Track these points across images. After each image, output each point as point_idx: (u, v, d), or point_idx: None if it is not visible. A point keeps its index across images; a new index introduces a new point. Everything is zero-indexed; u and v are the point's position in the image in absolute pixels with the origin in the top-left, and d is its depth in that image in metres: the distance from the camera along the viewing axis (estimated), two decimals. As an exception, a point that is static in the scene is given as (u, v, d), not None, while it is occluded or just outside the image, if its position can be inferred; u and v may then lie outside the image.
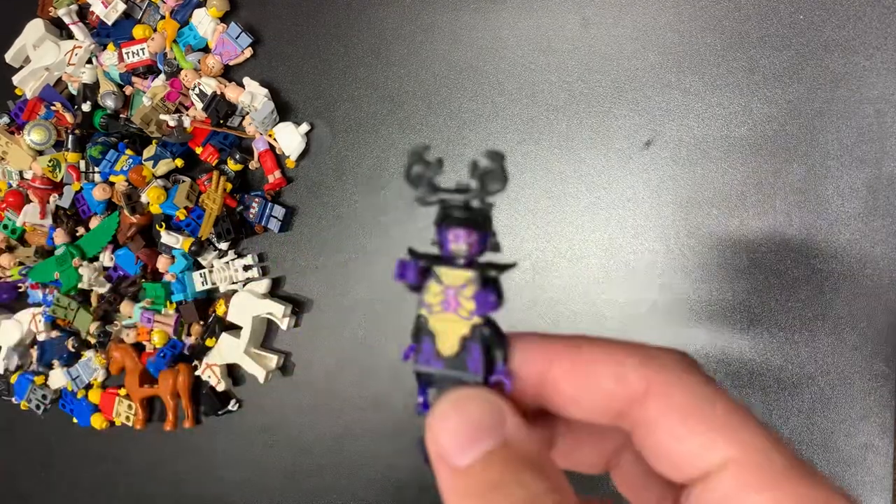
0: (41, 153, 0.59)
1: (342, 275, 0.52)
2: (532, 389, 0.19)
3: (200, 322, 0.55)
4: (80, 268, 0.57)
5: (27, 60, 0.62)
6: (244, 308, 0.53)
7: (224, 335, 0.54)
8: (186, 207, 0.53)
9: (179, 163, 0.55)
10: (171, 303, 0.55)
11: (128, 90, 0.58)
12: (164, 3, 0.56)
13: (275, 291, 0.54)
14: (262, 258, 0.55)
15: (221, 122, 0.54)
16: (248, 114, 0.53)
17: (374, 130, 0.51)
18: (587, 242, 0.46)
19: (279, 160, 0.54)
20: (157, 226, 0.56)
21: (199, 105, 0.54)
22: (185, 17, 0.55)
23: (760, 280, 0.43)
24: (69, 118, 0.58)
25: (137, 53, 0.56)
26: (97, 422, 0.59)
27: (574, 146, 0.47)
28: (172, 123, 0.54)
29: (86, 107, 0.58)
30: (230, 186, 0.53)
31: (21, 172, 0.61)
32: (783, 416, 0.42)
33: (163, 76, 0.56)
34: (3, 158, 0.60)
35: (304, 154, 0.53)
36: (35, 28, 0.60)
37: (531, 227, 0.47)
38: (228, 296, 0.54)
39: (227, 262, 0.54)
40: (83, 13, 0.60)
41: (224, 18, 0.55)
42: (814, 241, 0.42)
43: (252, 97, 0.53)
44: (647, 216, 0.45)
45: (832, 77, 0.42)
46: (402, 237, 0.50)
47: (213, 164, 0.54)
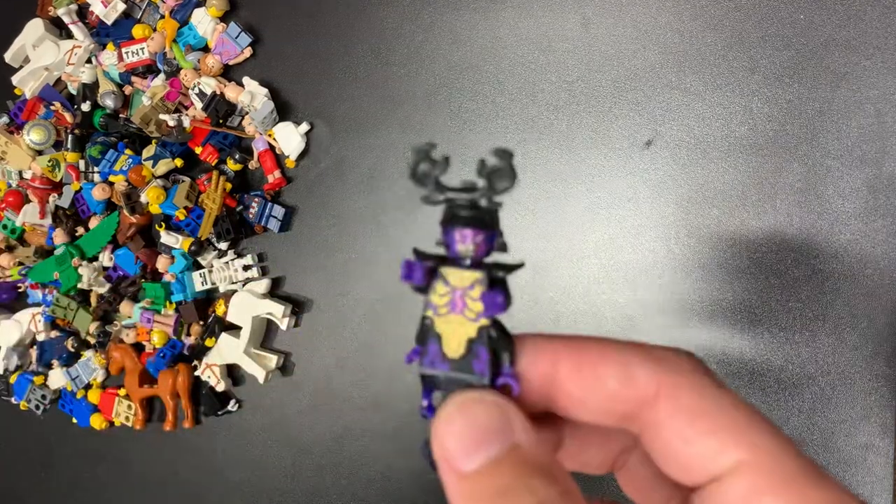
0: (40, 153, 0.59)
1: (342, 275, 0.52)
2: (539, 391, 0.19)
3: (200, 322, 0.55)
4: (80, 268, 0.57)
5: (27, 60, 0.62)
6: (244, 308, 0.53)
7: (224, 335, 0.53)
8: (186, 207, 0.53)
9: (179, 162, 0.55)
10: (171, 303, 0.55)
11: (127, 90, 0.58)
12: (164, 3, 0.56)
13: (274, 291, 0.54)
14: (262, 258, 0.55)
15: (221, 122, 0.54)
16: (248, 113, 0.53)
17: (374, 130, 0.51)
18: (587, 242, 0.46)
19: (279, 160, 0.54)
20: (157, 226, 0.56)
21: (199, 105, 0.54)
22: (185, 17, 0.55)
23: (761, 280, 0.43)
24: (68, 118, 0.58)
25: (137, 53, 0.56)
26: (97, 422, 0.59)
27: (574, 146, 0.47)
28: (172, 123, 0.54)
29: (85, 106, 0.57)
30: (230, 186, 0.53)
31: (21, 172, 0.61)
32: (784, 417, 0.42)
33: (162, 76, 0.55)
34: (3, 158, 0.60)
35: (304, 154, 0.53)
36: (34, 28, 0.60)
37: (531, 227, 0.47)
38: (228, 296, 0.54)
39: (227, 262, 0.54)
40: (83, 13, 0.60)
41: (224, 18, 0.55)
42: (814, 241, 0.42)
43: (252, 97, 0.52)
44: (648, 216, 0.45)
45: (833, 77, 0.42)
46: (402, 237, 0.50)
47: (213, 164, 0.54)
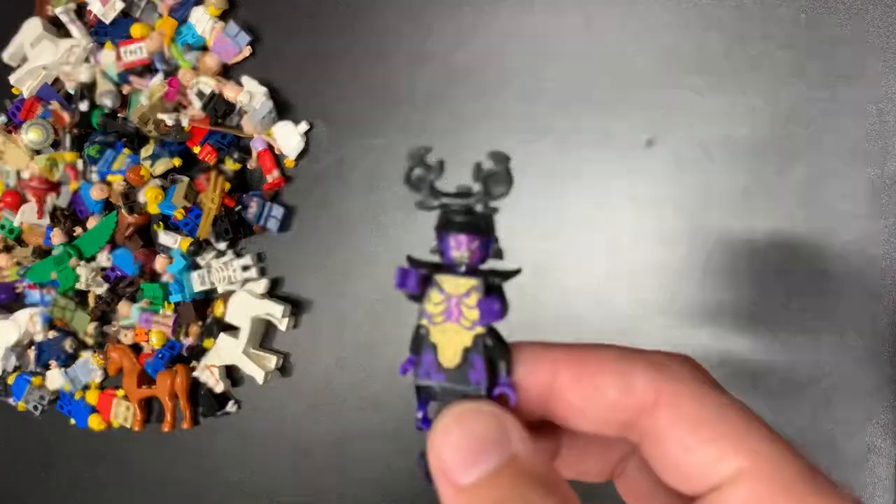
0: (38, 152, 0.59)
1: (341, 275, 0.52)
2: (536, 401, 0.19)
3: (199, 323, 0.55)
4: (78, 268, 0.56)
5: (24, 59, 0.61)
6: (243, 308, 0.52)
7: (222, 336, 0.53)
8: (184, 207, 0.53)
9: (177, 162, 0.54)
10: (169, 303, 0.55)
11: (125, 89, 0.57)
12: (163, 2, 0.56)
13: (273, 292, 0.54)
14: (261, 258, 0.54)
15: (219, 122, 0.54)
16: (247, 113, 0.53)
17: (374, 129, 0.51)
18: (589, 242, 0.46)
19: (278, 159, 0.53)
20: (155, 225, 0.56)
21: (197, 104, 0.53)
22: (184, 16, 0.55)
23: (763, 280, 0.43)
24: (66, 117, 0.58)
25: (135, 52, 0.56)
26: (95, 423, 0.58)
27: (575, 145, 0.46)
28: (170, 122, 0.53)
29: (83, 106, 0.57)
30: (228, 186, 0.53)
31: (19, 172, 0.60)
32: (786, 418, 0.42)
33: (160, 75, 0.55)
34: (1, 158, 0.59)
35: (304, 153, 0.53)
36: (32, 27, 0.59)
37: (532, 228, 0.47)
38: (227, 296, 0.54)
39: (226, 263, 0.54)
40: (81, 12, 0.59)
41: (223, 17, 0.55)
42: (817, 242, 0.42)
43: (250, 96, 0.52)
44: (649, 216, 0.45)
45: (835, 76, 0.42)
46: (402, 237, 0.50)
47: (212, 164, 0.54)
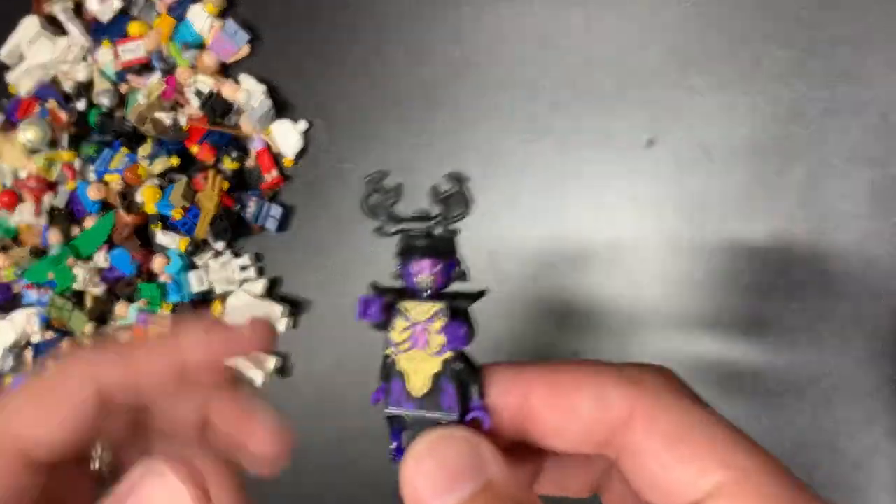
0: (36, 151, 0.58)
1: (341, 275, 0.52)
2: (511, 423, 0.18)
3: (197, 323, 0.54)
4: (75, 268, 0.56)
5: (22, 58, 0.61)
6: (241, 309, 0.52)
7: (221, 336, 0.53)
8: (182, 207, 0.53)
9: (175, 161, 0.54)
10: (167, 304, 0.55)
11: (123, 88, 0.57)
12: (161, 0, 0.56)
13: (272, 292, 0.54)
14: (260, 258, 0.54)
15: (218, 121, 0.54)
16: (245, 112, 0.53)
17: (374, 128, 0.51)
18: (590, 242, 0.46)
19: (276, 159, 0.53)
20: (153, 225, 0.55)
21: (196, 103, 0.53)
22: (182, 14, 0.55)
23: (764, 281, 0.42)
24: (64, 116, 0.58)
25: (133, 50, 0.55)
26: (92, 424, 0.58)
27: (575, 145, 0.46)
28: (168, 121, 0.53)
29: (81, 105, 0.57)
30: (227, 185, 0.52)
31: (15, 171, 0.60)
32: (788, 418, 0.42)
33: (158, 73, 0.55)
34: (-2, 157, 0.59)
35: (302, 152, 0.53)
36: (30, 25, 0.59)
37: (532, 228, 0.47)
38: (225, 296, 0.53)
39: (224, 263, 0.53)
40: (79, 10, 0.59)
41: (221, 15, 0.55)
42: (818, 242, 0.42)
43: (249, 94, 0.52)
44: (649, 216, 0.45)
45: (837, 76, 0.42)
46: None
47: (210, 163, 0.54)
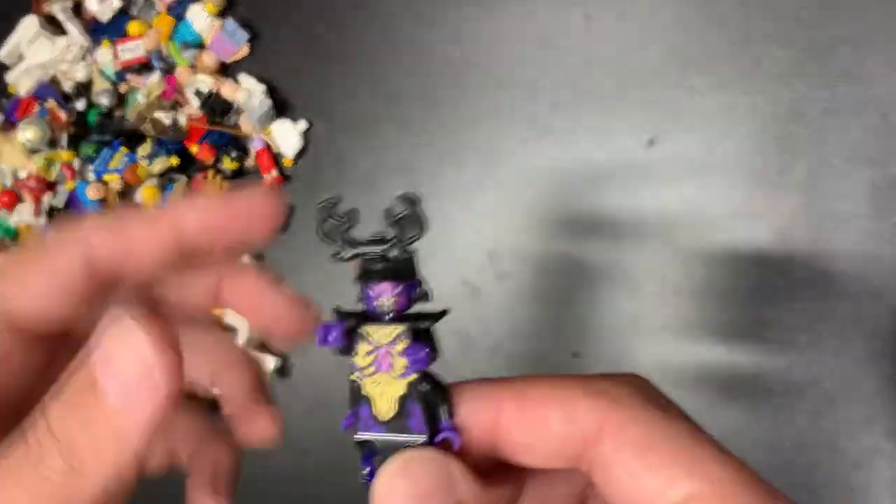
0: (35, 151, 0.58)
1: (341, 275, 0.51)
2: (482, 441, 0.18)
3: (196, 323, 0.54)
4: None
5: (21, 57, 0.61)
6: (241, 309, 0.52)
7: (220, 336, 0.53)
8: (182, 206, 0.52)
9: (175, 161, 0.54)
10: (167, 303, 0.55)
11: (123, 87, 0.57)
12: (160, -1, 0.56)
13: (272, 292, 0.53)
14: (259, 258, 0.54)
15: (217, 120, 0.53)
16: (245, 111, 0.53)
17: (374, 128, 0.51)
18: (590, 242, 0.46)
19: (276, 158, 0.53)
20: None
21: (195, 102, 0.53)
22: (181, 13, 0.54)
23: (765, 281, 0.42)
24: (63, 116, 0.58)
25: (132, 50, 0.55)
26: (92, 424, 0.58)
27: (576, 144, 0.46)
28: (167, 121, 0.53)
29: (80, 104, 0.57)
30: (227, 185, 0.52)
31: (15, 171, 0.60)
32: (788, 419, 0.41)
33: (158, 73, 0.55)
34: (-3, 157, 0.59)
35: (302, 152, 0.53)
36: (29, 24, 0.59)
37: (532, 228, 0.47)
38: (225, 296, 0.53)
39: (224, 262, 0.53)
40: (78, 10, 0.59)
41: (221, 14, 0.55)
42: (819, 242, 0.42)
43: (249, 94, 0.52)
44: (650, 216, 0.45)
45: (837, 75, 0.42)
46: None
47: (209, 163, 0.54)
